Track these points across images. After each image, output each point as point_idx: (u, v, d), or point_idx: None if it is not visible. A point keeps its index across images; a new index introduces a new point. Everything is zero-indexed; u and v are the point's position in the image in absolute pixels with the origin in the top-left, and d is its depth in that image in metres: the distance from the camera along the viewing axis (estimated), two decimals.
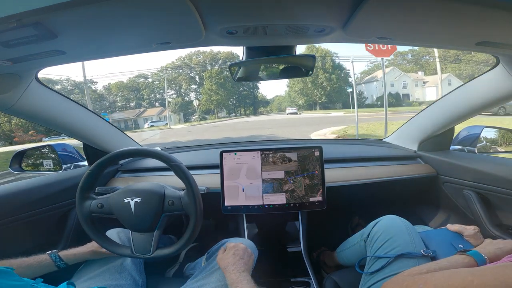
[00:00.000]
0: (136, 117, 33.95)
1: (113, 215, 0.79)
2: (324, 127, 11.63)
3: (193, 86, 38.32)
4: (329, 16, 0.57)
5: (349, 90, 30.56)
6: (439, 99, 1.20)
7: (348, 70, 32.31)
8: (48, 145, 1.29)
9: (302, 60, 0.83)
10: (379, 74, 31.65)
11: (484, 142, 1.26)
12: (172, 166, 0.78)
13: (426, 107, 1.27)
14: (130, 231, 0.81)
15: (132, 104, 38.20)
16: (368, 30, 0.62)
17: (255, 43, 0.73)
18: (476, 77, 0.98)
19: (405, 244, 0.80)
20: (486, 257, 0.65)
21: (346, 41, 0.69)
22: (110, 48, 0.68)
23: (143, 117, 33.58)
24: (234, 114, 38.45)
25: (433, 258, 0.79)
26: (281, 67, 0.86)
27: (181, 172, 0.78)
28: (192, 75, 37.97)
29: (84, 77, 18.89)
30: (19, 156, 1.25)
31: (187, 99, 36.91)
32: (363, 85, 33.52)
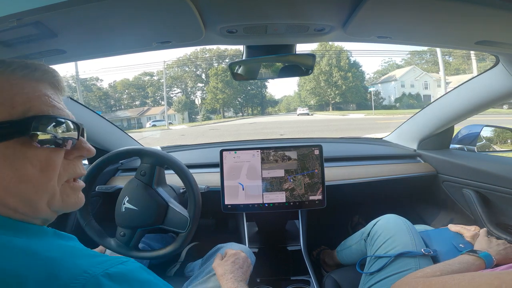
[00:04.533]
0: (139, 115, 33.17)
1: (138, 227, 0.80)
2: (359, 134, 8.64)
3: (200, 85, 37.42)
4: (329, 15, 0.57)
5: (371, 89, 28.96)
6: (438, 98, 1.20)
7: (362, 69, 30.66)
8: None
9: (302, 59, 0.83)
10: (397, 73, 29.87)
11: (484, 141, 1.26)
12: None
13: (426, 106, 1.27)
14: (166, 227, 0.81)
15: (137, 102, 37.64)
16: (368, 29, 0.62)
17: (255, 42, 0.74)
18: (476, 76, 0.98)
19: (406, 243, 0.80)
20: (495, 259, 0.66)
21: (346, 40, 0.70)
22: (110, 47, 0.68)
23: (146, 116, 32.65)
24: (241, 114, 37.00)
25: (434, 257, 0.79)
26: (281, 66, 0.86)
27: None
28: (198, 73, 37.00)
29: (76, 72, 18.89)
30: None
31: (193, 97, 35.70)
32: (379, 85, 31.24)
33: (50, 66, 0.38)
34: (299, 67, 0.85)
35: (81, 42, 0.61)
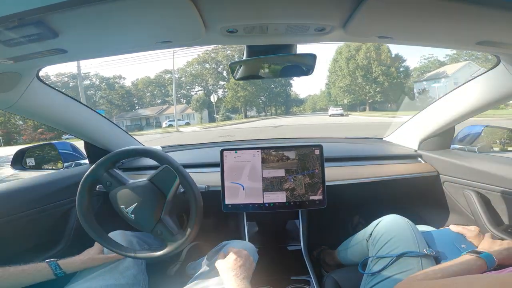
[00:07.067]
0: (158, 114, 32.55)
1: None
2: None
3: (221, 82, 35.75)
4: (329, 15, 0.57)
5: (435, 85, 24.25)
6: (439, 98, 1.20)
7: (406, 64, 25.70)
8: (50, 144, 1.30)
9: (303, 59, 0.83)
10: (448, 69, 25.31)
11: (485, 141, 1.26)
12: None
13: (427, 106, 1.27)
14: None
15: (158, 101, 37.19)
16: (368, 29, 0.62)
17: (256, 42, 0.74)
18: (477, 77, 0.98)
19: (408, 244, 0.80)
20: (496, 259, 0.66)
21: (346, 40, 0.70)
22: (111, 46, 0.68)
23: (165, 115, 31.80)
24: (264, 114, 34.53)
25: (436, 258, 0.79)
26: (281, 65, 0.86)
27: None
28: (219, 70, 35.38)
29: (78, 68, 18.78)
30: (20, 154, 1.26)
31: (214, 95, 33.49)
32: (424, 82, 26.80)
33: None
34: (300, 67, 0.86)
35: (82, 42, 0.61)
